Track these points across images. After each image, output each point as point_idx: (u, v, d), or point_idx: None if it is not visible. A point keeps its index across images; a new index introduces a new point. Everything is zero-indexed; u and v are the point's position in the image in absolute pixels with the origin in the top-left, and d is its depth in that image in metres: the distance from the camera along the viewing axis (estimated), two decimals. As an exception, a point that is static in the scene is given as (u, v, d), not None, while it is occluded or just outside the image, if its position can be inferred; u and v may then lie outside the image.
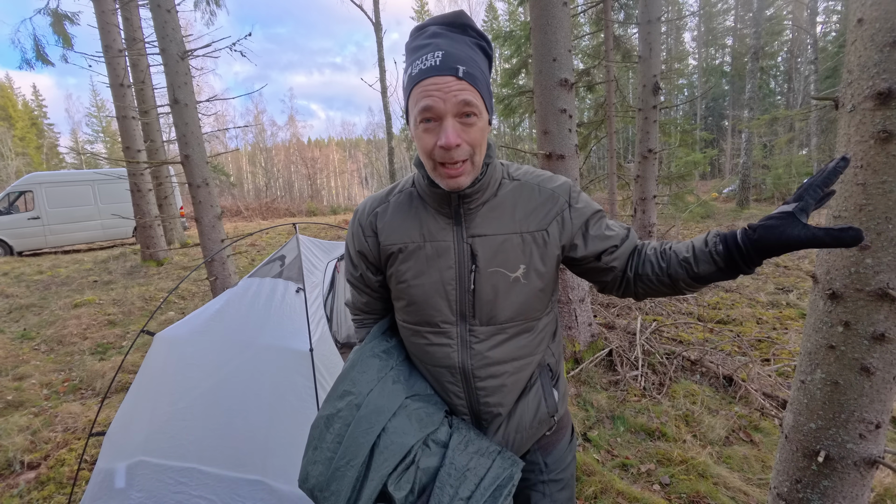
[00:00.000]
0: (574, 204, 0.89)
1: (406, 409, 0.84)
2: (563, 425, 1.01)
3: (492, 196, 0.87)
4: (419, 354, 0.93)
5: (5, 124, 32.11)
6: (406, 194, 0.93)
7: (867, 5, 1.02)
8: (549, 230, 0.86)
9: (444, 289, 0.86)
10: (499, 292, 0.84)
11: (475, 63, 0.75)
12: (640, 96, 5.04)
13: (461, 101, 0.72)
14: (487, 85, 0.78)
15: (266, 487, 1.71)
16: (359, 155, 51.55)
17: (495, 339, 0.86)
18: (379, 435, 0.79)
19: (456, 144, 0.73)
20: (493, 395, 0.88)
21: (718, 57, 30.49)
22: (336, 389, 0.89)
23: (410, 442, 0.77)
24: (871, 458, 1.13)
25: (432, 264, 0.86)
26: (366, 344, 0.97)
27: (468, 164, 0.78)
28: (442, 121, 0.74)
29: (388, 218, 0.92)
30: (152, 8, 3.56)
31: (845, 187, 1.09)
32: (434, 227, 0.87)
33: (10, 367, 3.85)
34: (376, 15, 13.16)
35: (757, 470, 2.29)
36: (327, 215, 19.41)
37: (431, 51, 0.74)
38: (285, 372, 1.85)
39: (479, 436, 0.87)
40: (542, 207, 0.87)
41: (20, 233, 9.44)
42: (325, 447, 0.82)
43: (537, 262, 0.86)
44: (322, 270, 2.49)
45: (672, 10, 22.28)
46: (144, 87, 8.24)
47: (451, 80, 0.72)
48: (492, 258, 0.84)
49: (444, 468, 0.76)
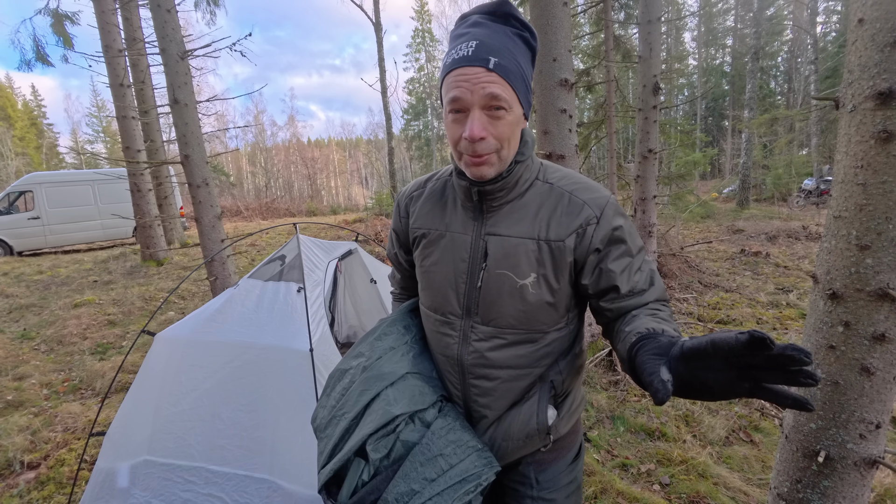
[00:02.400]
0: (603, 222, 0.80)
1: (404, 381, 0.88)
2: (564, 446, 0.95)
3: (517, 196, 0.84)
4: (429, 338, 0.96)
5: (5, 124, 32.08)
6: (442, 182, 0.95)
7: (867, 5, 1.02)
8: (566, 242, 0.80)
9: (455, 281, 0.87)
10: (502, 296, 0.82)
11: (511, 54, 0.73)
12: (640, 96, 5.04)
13: (488, 94, 0.70)
14: (524, 78, 0.75)
15: (272, 485, 1.72)
16: (359, 155, 51.55)
17: (494, 341, 0.85)
18: (374, 398, 0.84)
19: (480, 137, 0.72)
20: (483, 395, 0.88)
21: (718, 57, 30.49)
22: (354, 349, 0.97)
23: (396, 412, 0.81)
24: (871, 458, 1.13)
25: (449, 255, 0.87)
26: (391, 316, 1.02)
27: (494, 157, 0.76)
28: (469, 112, 0.73)
29: (420, 203, 0.95)
30: (152, 8, 3.56)
31: (846, 187, 1.09)
32: (457, 219, 0.88)
33: (10, 367, 3.85)
34: (376, 15, 13.16)
35: (757, 470, 2.29)
36: (327, 215, 19.41)
37: (467, 40, 0.72)
38: (287, 372, 1.85)
39: (464, 427, 0.86)
40: (567, 217, 0.81)
41: (20, 233, 9.44)
42: (332, 396, 0.91)
43: (550, 274, 0.81)
44: (323, 270, 2.49)
45: (672, 10, 22.28)
46: (144, 87, 8.24)
47: (481, 72, 0.70)
48: (502, 259, 0.82)
49: (419, 446, 0.79)
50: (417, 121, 34.68)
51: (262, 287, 2.15)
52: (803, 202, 13.65)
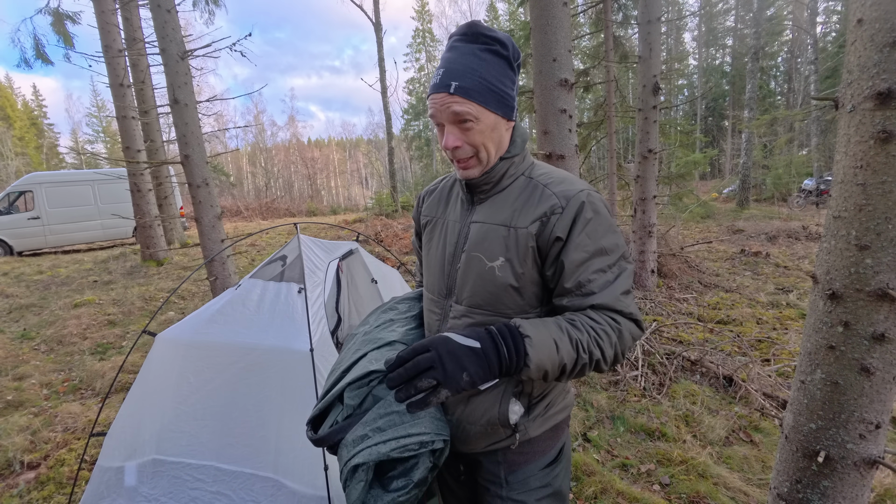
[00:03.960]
0: (567, 213, 0.83)
1: (390, 347, 0.98)
2: (538, 449, 0.94)
3: (501, 190, 0.92)
4: (425, 317, 1.06)
5: (4, 124, 32.07)
6: (451, 180, 1.08)
7: (867, 5, 1.02)
8: (528, 228, 0.86)
9: (442, 263, 0.97)
10: (473, 276, 0.90)
11: (474, 73, 0.82)
12: (640, 96, 5.04)
13: (452, 112, 0.82)
14: (492, 89, 0.83)
15: (277, 484, 1.73)
16: (359, 155, 51.54)
17: (464, 320, 0.92)
18: (362, 356, 0.96)
19: (455, 146, 0.85)
20: None
21: (718, 57, 30.49)
22: (366, 318, 1.12)
23: (371, 368, 0.91)
24: (871, 459, 1.13)
25: (442, 239, 0.98)
26: (403, 295, 1.17)
27: (474, 160, 0.88)
28: (444, 127, 0.86)
29: (432, 197, 1.09)
30: (152, 8, 3.56)
31: (845, 187, 1.09)
32: (454, 209, 1.00)
33: (10, 367, 3.85)
34: (376, 15, 13.16)
35: (757, 470, 2.29)
36: (327, 215, 19.40)
37: (439, 67, 0.85)
38: (289, 372, 1.86)
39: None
40: (535, 206, 0.87)
41: (20, 233, 9.44)
42: (341, 354, 1.05)
43: (514, 259, 0.87)
44: (324, 270, 2.49)
45: (672, 10, 22.27)
46: (144, 87, 8.24)
47: (444, 96, 0.82)
48: (477, 243, 0.90)
49: (383, 400, 0.88)
50: (417, 121, 34.65)
51: (264, 287, 2.15)
52: (803, 202, 13.65)
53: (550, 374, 0.77)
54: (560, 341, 0.76)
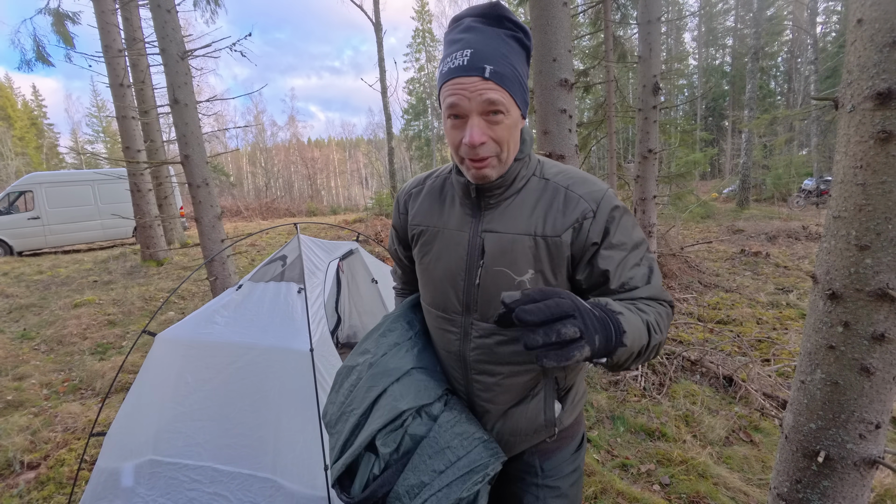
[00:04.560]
0: (599, 215, 0.79)
1: (410, 376, 0.89)
2: (568, 435, 0.97)
3: (514, 193, 0.84)
4: (432, 333, 0.98)
5: (4, 124, 32.07)
6: (441, 179, 0.96)
7: (867, 5, 1.02)
8: (562, 237, 0.79)
9: (454, 278, 0.88)
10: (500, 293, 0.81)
11: (505, 59, 0.73)
12: (639, 96, 5.04)
13: (486, 100, 0.72)
14: (520, 80, 0.76)
15: (275, 485, 1.73)
16: (359, 155, 51.54)
17: (494, 338, 0.85)
18: (380, 394, 0.87)
19: (480, 142, 0.74)
20: (486, 391, 0.89)
21: (718, 57, 30.49)
22: (360, 346, 1.00)
23: (402, 407, 0.83)
24: (871, 459, 1.13)
25: (447, 252, 0.89)
26: (394, 312, 1.05)
27: (495, 160, 0.78)
28: (468, 118, 0.74)
29: (419, 200, 0.96)
30: (152, 8, 3.56)
31: (845, 187, 1.09)
32: (454, 216, 0.89)
33: (10, 367, 3.85)
34: (376, 15, 13.16)
35: (757, 470, 2.29)
36: (327, 215, 19.40)
37: (461, 48, 0.73)
38: (288, 372, 1.86)
39: (470, 420, 0.87)
40: (563, 212, 0.81)
41: (20, 233, 9.43)
42: (341, 392, 0.94)
43: (547, 270, 0.81)
44: (323, 271, 2.49)
45: (672, 10, 22.27)
46: (144, 87, 8.24)
47: (477, 81, 0.72)
48: (499, 257, 0.82)
49: (427, 439, 0.81)
50: (417, 121, 34.68)
51: (264, 288, 2.15)
52: (803, 202, 13.65)
53: (633, 357, 0.69)
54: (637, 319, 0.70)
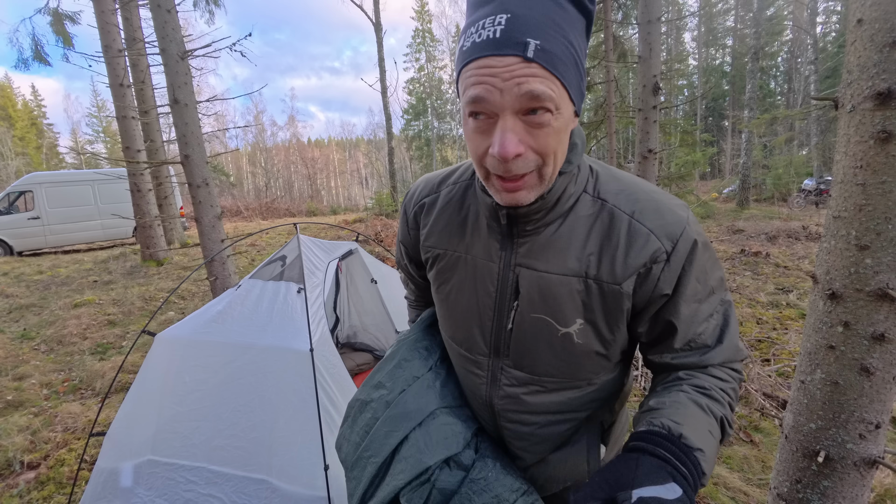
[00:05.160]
0: (675, 259, 0.60)
1: (435, 420, 0.77)
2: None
3: (559, 217, 0.64)
4: (456, 369, 0.83)
5: (5, 124, 32.09)
6: (461, 188, 0.75)
7: (867, 6, 1.02)
8: (623, 287, 0.62)
9: (480, 317, 0.72)
10: (539, 343, 0.67)
11: (559, 30, 0.50)
12: (639, 96, 5.03)
13: (526, 94, 0.49)
14: (577, 62, 0.53)
15: (270, 486, 1.72)
16: (359, 155, 51.56)
17: (530, 388, 0.71)
18: (402, 441, 0.76)
19: (516, 154, 0.51)
20: (518, 439, 0.76)
21: (718, 57, 30.50)
22: (373, 378, 0.86)
23: (429, 462, 0.72)
24: (871, 459, 1.13)
25: (471, 284, 0.71)
26: (409, 336, 0.89)
27: (534, 177, 0.56)
28: (497, 118, 0.52)
29: (434, 214, 0.76)
30: (152, 8, 3.56)
31: (845, 187, 1.09)
32: (480, 240, 0.70)
33: (10, 367, 3.85)
34: (376, 15, 13.16)
35: (757, 470, 2.29)
36: (327, 215, 19.41)
37: (493, 13, 0.49)
38: (287, 372, 1.85)
39: (506, 469, 0.75)
40: (625, 251, 0.61)
41: (20, 233, 9.44)
42: (356, 430, 0.82)
43: (600, 321, 0.64)
44: (323, 271, 2.49)
45: (672, 10, 22.28)
46: (144, 87, 8.24)
47: (515, 63, 0.48)
48: (539, 302, 0.65)
49: (457, 496, 0.70)
50: (417, 121, 34.68)
51: (263, 287, 2.15)
52: (803, 202, 13.65)
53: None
54: (713, 430, 0.58)
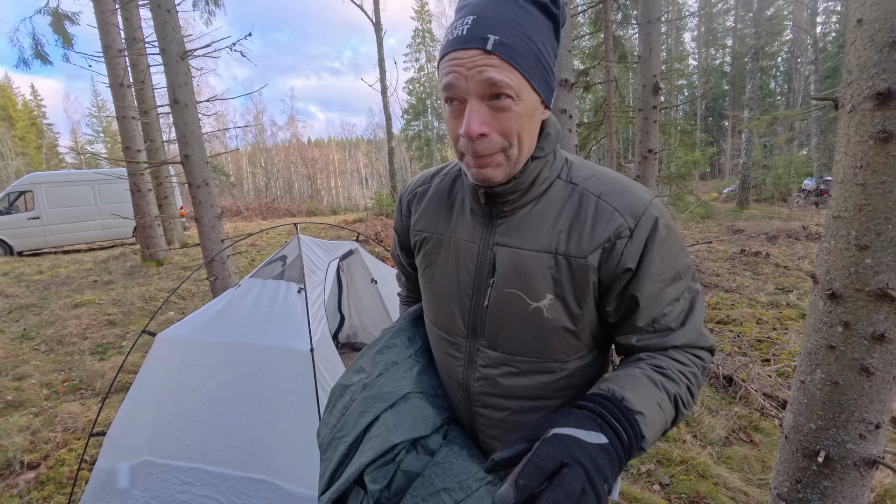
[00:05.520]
0: (638, 235, 0.65)
1: (406, 402, 0.79)
2: None
3: (533, 199, 0.70)
4: (435, 356, 0.87)
5: (5, 124, 32.10)
6: (450, 179, 0.82)
7: (867, 6, 1.02)
8: (588, 260, 0.66)
9: (460, 296, 0.76)
10: (512, 319, 0.71)
11: (517, 28, 0.58)
12: (639, 96, 5.04)
13: (485, 80, 0.57)
14: (539, 57, 0.60)
15: (271, 486, 1.72)
16: (359, 155, 51.57)
17: (503, 368, 0.74)
18: (372, 421, 0.78)
19: (479, 134, 0.59)
20: (492, 427, 0.78)
21: (718, 57, 30.51)
22: (356, 363, 0.90)
23: (395, 440, 0.74)
24: (871, 459, 1.13)
25: (454, 264, 0.76)
26: (394, 325, 0.94)
27: (501, 156, 0.63)
28: (466, 103, 0.60)
29: (425, 201, 0.83)
30: (152, 8, 3.56)
31: (845, 187, 1.09)
32: (463, 223, 0.76)
33: (10, 367, 3.85)
34: (376, 15, 13.16)
35: (757, 470, 2.29)
36: (327, 215, 19.41)
37: (465, 16, 0.60)
38: (287, 372, 1.85)
39: (472, 457, 0.76)
40: (591, 227, 0.66)
41: (20, 233, 9.44)
42: (334, 413, 0.84)
43: (569, 296, 0.68)
44: (324, 270, 2.49)
45: (672, 10, 22.28)
46: (144, 87, 8.24)
47: (477, 55, 0.57)
48: (512, 277, 0.69)
49: (421, 478, 0.71)
50: (417, 121, 34.70)
51: (262, 286, 2.15)
52: (803, 202, 13.66)
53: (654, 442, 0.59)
54: (662, 403, 0.60)
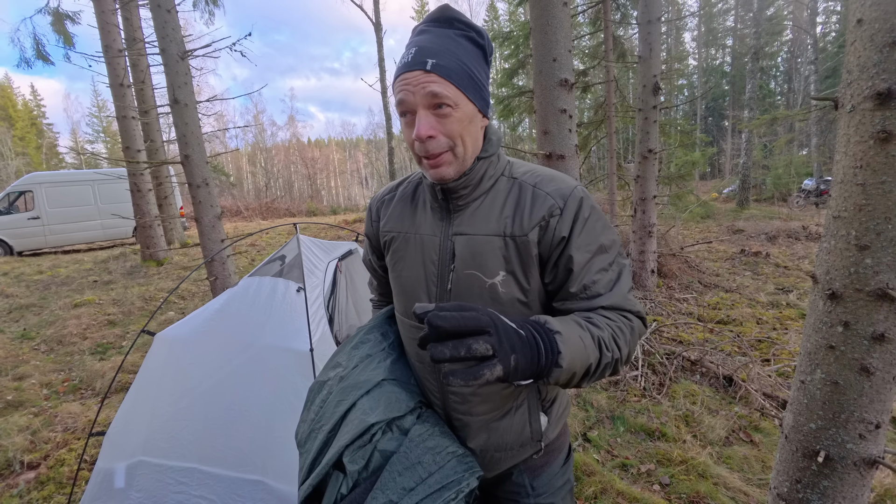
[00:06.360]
0: (567, 213, 0.78)
1: (380, 388, 0.85)
2: (555, 448, 0.95)
3: (482, 194, 0.83)
4: (405, 344, 0.95)
5: (5, 124, 32.10)
6: (413, 185, 0.95)
7: (867, 6, 1.02)
8: (529, 236, 0.78)
9: (426, 284, 0.86)
10: (472, 297, 0.81)
11: (451, 54, 0.74)
12: (639, 96, 5.04)
13: (429, 93, 0.72)
14: (471, 75, 0.75)
15: (266, 487, 1.71)
16: (359, 155, 51.56)
17: None
18: (350, 408, 0.83)
19: (428, 136, 0.73)
20: (463, 402, 0.86)
21: (718, 57, 30.50)
22: (332, 360, 0.96)
23: (371, 420, 0.79)
24: (870, 459, 1.13)
25: (419, 257, 0.87)
26: (369, 324, 1.02)
27: (449, 155, 0.76)
28: (416, 114, 0.74)
29: (391, 206, 0.95)
30: (152, 8, 3.56)
31: (845, 187, 1.09)
32: (426, 220, 0.88)
33: (10, 367, 3.85)
34: (376, 15, 13.17)
35: (757, 470, 2.29)
36: (327, 215, 19.41)
37: (411, 47, 0.75)
38: (286, 372, 1.85)
39: (444, 433, 0.83)
40: (530, 210, 0.79)
41: (20, 233, 9.44)
42: (312, 409, 0.89)
43: (518, 271, 0.79)
44: (323, 270, 2.49)
45: (672, 10, 22.28)
46: (144, 87, 8.24)
47: (420, 74, 0.72)
48: (469, 260, 0.81)
49: (397, 455, 0.76)
50: (417, 121, 34.65)
51: (260, 282, 2.14)
52: (803, 202, 13.66)
53: (577, 377, 0.67)
54: (584, 338, 0.68)
